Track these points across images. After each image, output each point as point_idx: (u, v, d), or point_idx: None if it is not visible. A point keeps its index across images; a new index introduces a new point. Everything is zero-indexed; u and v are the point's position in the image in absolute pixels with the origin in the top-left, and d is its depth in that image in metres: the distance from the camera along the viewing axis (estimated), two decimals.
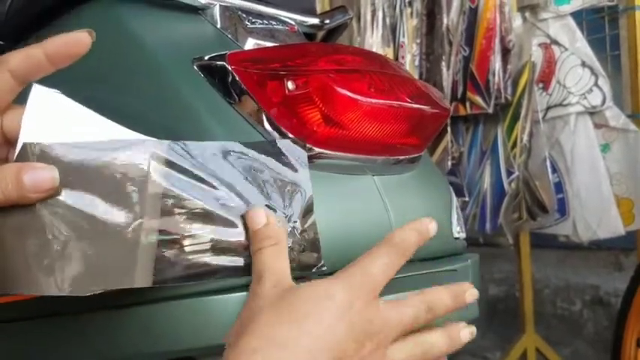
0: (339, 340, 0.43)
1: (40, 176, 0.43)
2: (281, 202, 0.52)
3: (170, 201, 0.47)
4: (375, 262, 0.47)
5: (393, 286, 0.52)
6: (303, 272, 0.51)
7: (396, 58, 1.95)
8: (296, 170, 0.53)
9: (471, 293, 0.52)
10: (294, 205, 0.52)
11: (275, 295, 0.46)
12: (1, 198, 0.42)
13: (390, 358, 0.47)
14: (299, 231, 0.52)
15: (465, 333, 0.52)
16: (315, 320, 0.44)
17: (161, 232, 0.46)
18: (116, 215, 0.45)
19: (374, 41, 1.97)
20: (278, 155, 0.53)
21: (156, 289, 0.48)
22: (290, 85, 0.53)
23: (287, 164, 0.53)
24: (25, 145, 0.44)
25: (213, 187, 0.49)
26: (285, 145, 0.53)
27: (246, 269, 0.49)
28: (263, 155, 0.52)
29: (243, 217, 0.50)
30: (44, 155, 0.44)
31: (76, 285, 0.44)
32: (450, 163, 1.92)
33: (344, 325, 0.44)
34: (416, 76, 1.93)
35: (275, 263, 0.48)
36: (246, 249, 0.50)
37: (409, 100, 0.57)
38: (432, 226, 0.51)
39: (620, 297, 1.68)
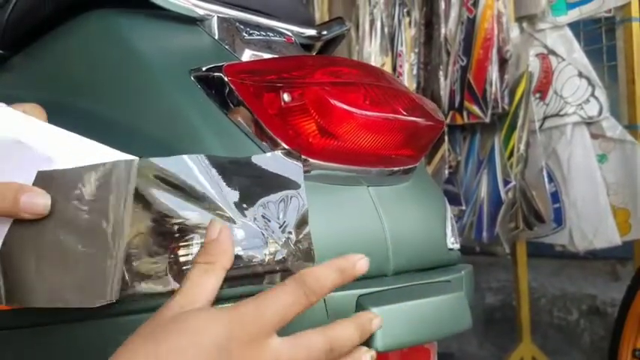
0: None
1: (36, 201, 0.47)
2: (276, 212, 0.52)
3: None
4: (273, 301, 0.45)
5: (382, 299, 0.53)
6: None
7: (394, 68, 1.96)
8: (291, 181, 0.53)
9: (375, 322, 0.49)
10: (288, 216, 0.52)
11: (164, 319, 0.45)
12: None
13: None
14: (293, 241, 0.52)
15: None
16: (177, 356, 0.42)
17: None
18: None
19: (372, 50, 1.98)
20: (274, 166, 0.53)
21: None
22: (286, 96, 0.53)
23: (282, 175, 0.53)
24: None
25: (203, 200, 0.50)
26: (280, 156, 0.53)
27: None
28: (259, 167, 0.52)
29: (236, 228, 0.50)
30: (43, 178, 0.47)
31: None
32: (447, 171, 1.93)
33: None
34: (414, 85, 1.95)
35: (196, 283, 0.47)
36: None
37: (404, 113, 0.58)
38: (361, 263, 0.48)
39: (616, 307, 1.68)
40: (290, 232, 0.52)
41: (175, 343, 0.43)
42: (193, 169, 0.50)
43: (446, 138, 1.92)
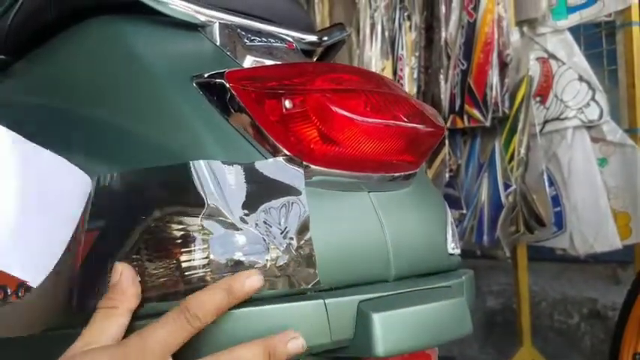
0: None
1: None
2: (277, 218, 0.52)
3: None
4: (156, 331, 0.46)
5: (383, 304, 0.53)
6: (299, 289, 0.52)
7: (395, 71, 1.96)
8: (293, 187, 0.53)
9: (295, 344, 0.47)
10: (290, 222, 0.53)
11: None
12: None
13: None
14: (295, 247, 0.52)
15: None
16: None
17: None
18: None
19: (373, 54, 1.98)
20: (275, 173, 0.53)
21: None
22: (287, 103, 0.53)
23: (284, 182, 0.53)
24: None
25: (205, 206, 0.50)
26: (282, 162, 0.54)
27: None
28: (260, 173, 0.53)
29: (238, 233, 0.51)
30: None
31: None
32: (447, 175, 1.93)
33: None
34: (414, 89, 1.95)
35: (98, 327, 0.48)
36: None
37: (405, 119, 0.58)
38: (250, 282, 0.47)
39: (617, 310, 1.68)
40: (291, 238, 0.52)
41: None
42: (196, 175, 0.50)
43: (446, 142, 1.92)
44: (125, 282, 0.49)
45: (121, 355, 0.46)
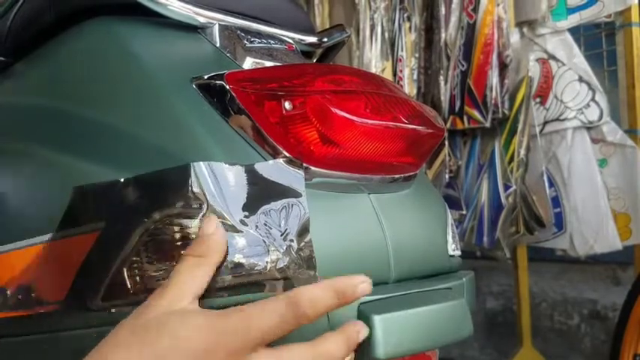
0: None
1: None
2: (277, 220, 0.52)
3: None
4: (261, 317, 0.44)
5: (383, 306, 0.53)
6: None
7: (395, 72, 1.96)
8: (293, 189, 0.53)
9: (363, 333, 0.47)
10: (290, 224, 0.52)
11: (152, 317, 0.44)
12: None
13: None
14: (295, 249, 0.52)
15: None
16: None
17: None
18: None
19: (373, 55, 1.98)
20: (275, 174, 0.53)
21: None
22: (287, 105, 0.53)
23: (284, 183, 0.53)
24: None
25: (205, 208, 0.50)
26: (282, 164, 0.53)
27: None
28: (260, 175, 0.53)
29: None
30: None
31: None
32: (447, 176, 1.93)
33: None
34: (414, 90, 1.95)
35: (185, 277, 0.46)
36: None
37: (405, 121, 0.58)
38: (363, 287, 0.45)
39: (617, 311, 1.68)
40: (292, 240, 0.52)
41: (159, 348, 0.43)
42: (195, 176, 0.50)
43: (446, 143, 1.92)
44: (220, 234, 0.48)
45: (221, 329, 0.43)
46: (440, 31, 1.91)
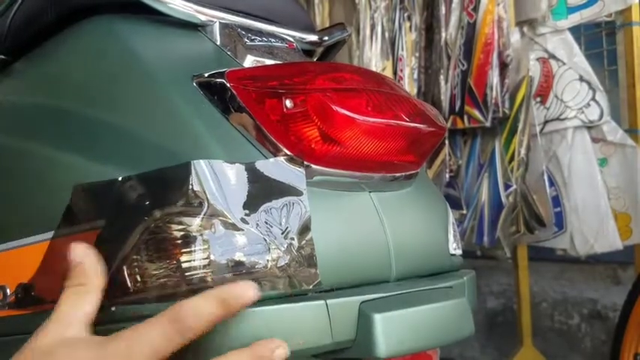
0: None
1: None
2: (278, 218, 0.52)
3: None
4: (144, 340, 0.43)
5: (384, 305, 0.53)
6: (301, 289, 0.51)
7: (395, 72, 1.96)
8: (294, 187, 0.53)
9: (278, 353, 0.44)
10: (291, 222, 0.52)
11: (42, 348, 0.44)
12: None
13: None
14: (296, 247, 0.52)
15: None
16: None
17: None
18: None
19: (373, 55, 1.98)
20: (276, 173, 0.53)
21: None
22: (288, 103, 0.53)
23: (285, 182, 0.53)
24: None
25: (206, 206, 0.50)
26: (283, 162, 0.53)
27: None
28: (261, 173, 0.52)
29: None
30: None
31: None
32: (447, 175, 1.93)
33: None
34: (414, 90, 1.95)
35: (70, 307, 0.46)
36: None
37: (406, 119, 0.58)
38: (247, 294, 0.43)
39: (617, 311, 1.68)
40: (292, 238, 0.52)
41: None
42: (196, 174, 0.50)
43: (446, 142, 1.92)
44: (89, 261, 0.47)
45: (103, 357, 0.43)
46: (440, 31, 1.91)
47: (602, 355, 2.19)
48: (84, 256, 0.47)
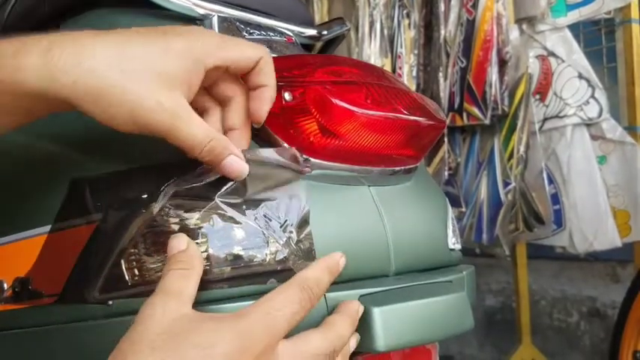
0: None
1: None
2: (277, 211, 0.52)
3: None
4: (281, 308, 0.44)
5: (383, 299, 0.52)
6: None
7: (394, 69, 1.96)
8: (293, 180, 0.53)
9: (360, 310, 0.50)
10: (290, 215, 0.52)
11: (160, 327, 0.42)
12: None
13: None
14: (295, 241, 0.52)
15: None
16: None
17: None
18: None
19: (372, 52, 1.98)
20: (275, 164, 0.53)
21: None
22: (287, 95, 0.53)
23: (284, 174, 0.53)
24: None
25: (203, 199, 0.49)
26: (282, 154, 0.53)
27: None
28: (260, 164, 0.52)
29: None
30: None
31: None
32: (446, 173, 1.93)
33: None
34: (413, 87, 1.95)
35: (177, 286, 0.45)
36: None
37: (405, 112, 0.57)
38: (342, 261, 0.50)
39: (616, 309, 1.68)
40: (291, 232, 0.52)
41: (185, 356, 0.41)
42: (194, 168, 0.50)
43: (446, 139, 1.92)
44: (194, 249, 0.47)
45: (248, 336, 0.42)
46: (439, 28, 1.91)
47: (601, 353, 2.20)
48: (189, 243, 0.47)
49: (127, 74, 0.44)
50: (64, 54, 0.43)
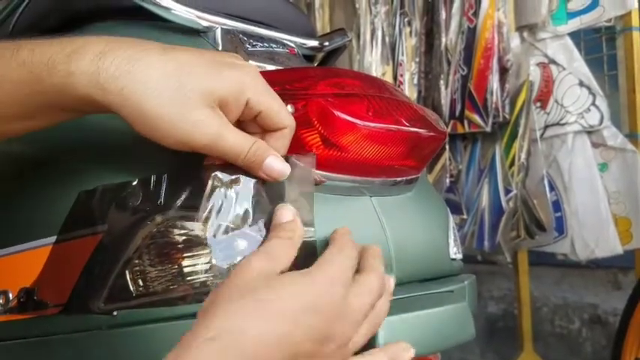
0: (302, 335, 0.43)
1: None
2: None
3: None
4: (334, 262, 0.47)
5: (389, 309, 0.53)
6: None
7: (395, 77, 1.97)
8: (298, 191, 0.53)
9: (410, 354, 0.51)
10: None
11: (256, 281, 0.44)
12: None
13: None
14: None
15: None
16: (281, 316, 0.42)
17: None
18: None
19: (373, 60, 1.98)
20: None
21: None
22: (289, 108, 0.53)
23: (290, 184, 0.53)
24: None
25: (207, 210, 0.50)
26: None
27: None
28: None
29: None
30: None
31: None
32: (448, 180, 1.93)
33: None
34: (415, 95, 1.95)
35: (279, 252, 0.47)
36: None
37: (407, 124, 0.58)
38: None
39: (618, 316, 1.68)
40: None
41: (281, 302, 0.43)
42: (199, 180, 0.50)
43: (447, 147, 1.92)
44: (298, 222, 0.50)
45: (326, 282, 0.45)
46: (440, 36, 1.91)
47: None
48: (295, 215, 0.51)
49: (177, 91, 0.46)
50: (116, 60, 0.45)
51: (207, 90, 0.46)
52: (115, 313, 0.50)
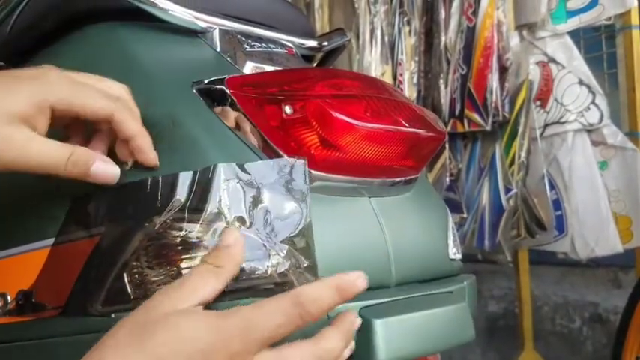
0: None
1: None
2: (278, 222, 0.52)
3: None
4: (265, 318, 0.43)
5: (384, 310, 0.53)
6: None
7: (395, 76, 1.97)
8: (295, 192, 0.53)
9: (357, 323, 0.48)
10: (292, 227, 0.52)
11: (154, 316, 0.43)
12: None
13: None
14: (296, 253, 0.52)
15: None
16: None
17: None
18: None
19: (373, 59, 1.98)
20: (278, 178, 0.53)
21: None
22: (287, 109, 0.53)
23: (287, 187, 0.53)
24: None
25: (206, 212, 0.50)
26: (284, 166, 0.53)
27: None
28: (262, 177, 0.52)
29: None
30: None
31: None
32: (448, 179, 1.93)
33: None
34: (414, 94, 1.95)
35: (197, 281, 0.45)
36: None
37: (405, 124, 0.58)
38: (359, 283, 0.46)
39: (618, 314, 1.68)
40: (293, 244, 0.52)
41: (158, 350, 0.42)
42: (197, 181, 0.50)
43: (447, 146, 1.92)
44: (237, 247, 0.47)
45: (223, 336, 0.42)
46: (440, 35, 1.91)
47: (604, 358, 2.19)
48: (235, 242, 0.47)
49: None
50: None
51: (4, 109, 0.47)
52: (113, 315, 0.50)
